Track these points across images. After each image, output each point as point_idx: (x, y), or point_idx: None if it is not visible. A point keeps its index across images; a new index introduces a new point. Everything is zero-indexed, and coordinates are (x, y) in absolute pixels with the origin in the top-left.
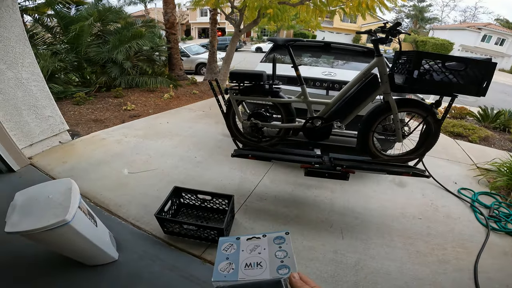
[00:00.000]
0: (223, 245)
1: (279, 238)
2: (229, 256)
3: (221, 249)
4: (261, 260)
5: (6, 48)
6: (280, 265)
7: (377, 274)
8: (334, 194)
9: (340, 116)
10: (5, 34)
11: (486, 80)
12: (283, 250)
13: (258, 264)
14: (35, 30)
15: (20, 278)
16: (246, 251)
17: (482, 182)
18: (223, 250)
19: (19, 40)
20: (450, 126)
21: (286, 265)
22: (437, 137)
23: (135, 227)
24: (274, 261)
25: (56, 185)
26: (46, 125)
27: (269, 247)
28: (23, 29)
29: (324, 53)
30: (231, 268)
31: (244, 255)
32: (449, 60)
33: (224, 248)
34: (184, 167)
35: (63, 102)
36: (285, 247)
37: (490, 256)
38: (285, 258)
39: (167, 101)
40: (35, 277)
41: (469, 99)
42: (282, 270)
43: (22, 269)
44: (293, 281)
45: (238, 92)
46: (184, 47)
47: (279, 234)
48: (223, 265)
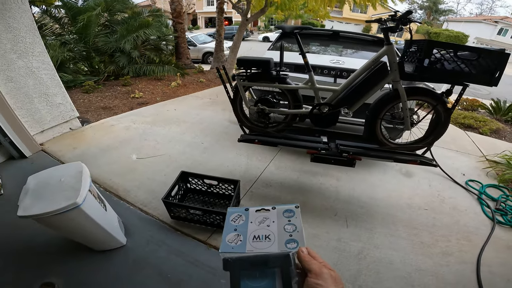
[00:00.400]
0: (231, 216)
1: (288, 211)
2: (237, 227)
3: (229, 220)
4: (269, 233)
5: (16, 38)
6: (289, 239)
7: (380, 263)
8: (340, 182)
9: (347, 103)
10: (15, 24)
11: (499, 70)
12: (292, 224)
13: (267, 237)
14: (43, 21)
15: (32, 264)
16: (255, 223)
17: (490, 175)
18: (232, 221)
19: (29, 31)
20: (461, 117)
21: (294, 239)
22: (446, 126)
23: (143, 212)
24: (283, 234)
25: (68, 169)
26: (57, 112)
27: (278, 220)
28: (32, 19)
29: (332, 42)
30: (239, 240)
31: (253, 227)
32: (461, 50)
33: (232, 218)
34: (191, 153)
35: (72, 90)
36: (294, 220)
37: (494, 250)
38: (294, 232)
39: (175, 89)
40: (46, 263)
41: (481, 91)
42: (290, 244)
43: (33, 256)
44: (301, 256)
45: (245, 79)
46: (191, 37)
47: (288, 207)
48: (231, 237)
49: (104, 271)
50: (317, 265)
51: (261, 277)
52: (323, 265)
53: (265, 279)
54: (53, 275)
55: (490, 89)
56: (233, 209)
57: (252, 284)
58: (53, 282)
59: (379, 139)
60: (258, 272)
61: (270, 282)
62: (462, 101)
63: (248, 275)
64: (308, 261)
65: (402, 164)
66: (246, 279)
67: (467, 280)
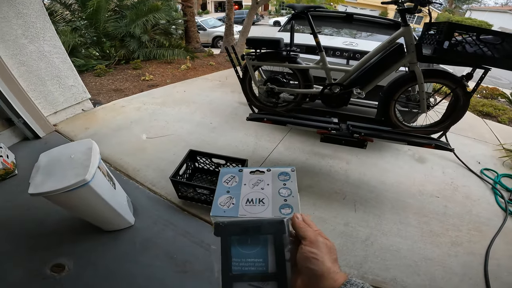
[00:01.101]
0: (224, 177)
1: (284, 174)
2: (230, 189)
3: (222, 181)
4: (263, 196)
5: (26, 24)
6: (283, 204)
7: (387, 250)
8: (350, 165)
9: (360, 83)
10: (25, 10)
11: None
12: (287, 188)
13: (260, 201)
14: (53, 8)
15: (43, 245)
16: (249, 185)
17: (507, 164)
18: (224, 182)
19: (39, 16)
20: (479, 105)
21: (289, 204)
22: (465, 110)
23: (151, 191)
24: (277, 199)
25: (78, 146)
26: (69, 93)
27: (273, 183)
28: (42, 5)
29: (346, 24)
30: (231, 203)
31: (246, 190)
32: (485, 33)
33: (225, 180)
34: (200, 132)
35: (84, 74)
36: (290, 184)
37: (503, 242)
38: (289, 197)
39: (184, 72)
40: (57, 244)
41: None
42: (285, 209)
43: (45, 236)
44: (296, 222)
45: (254, 58)
46: (201, 21)
47: (284, 169)
48: (223, 199)
49: (112, 251)
50: (312, 233)
51: (253, 244)
52: (318, 233)
53: (257, 246)
54: (63, 255)
55: (511, 79)
56: (227, 170)
57: (244, 250)
58: (63, 263)
59: (393, 121)
60: (250, 238)
61: (262, 249)
62: (481, 89)
63: (240, 241)
64: (303, 228)
65: (415, 149)
66: (237, 245)
67: (474, 272)
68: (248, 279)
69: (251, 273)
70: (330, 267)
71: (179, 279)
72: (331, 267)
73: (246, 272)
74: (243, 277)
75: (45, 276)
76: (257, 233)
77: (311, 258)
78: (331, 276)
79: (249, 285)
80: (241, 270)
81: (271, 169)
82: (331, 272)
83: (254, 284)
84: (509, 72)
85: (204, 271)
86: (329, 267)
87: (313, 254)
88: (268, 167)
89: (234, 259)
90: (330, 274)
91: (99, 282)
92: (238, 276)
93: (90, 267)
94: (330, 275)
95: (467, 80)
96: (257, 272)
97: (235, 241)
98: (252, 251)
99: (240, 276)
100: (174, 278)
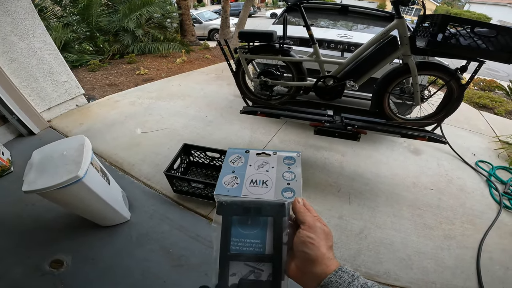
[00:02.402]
0: (231, 157)
1: (289, 158)
2: (235, 169)
3: (228, 161)
4: (267, 178)
5: (15, 21)
6: (286, 187)
7: (381, 244)
8: (345, 157)
9: (354, 76)
10: (12, 8)
11: None
12: (292, 172)
13: (264, 183)
14: (43, 4)
15: (41, 241)
16: (254, 166)
17: (502, 156)
18: (230, 162)
19: (27, 13)
20: (476, 97)
21: (292, 188)
22: (459, 102)
23: (146, 186)
24: (281, 182)
25: (70, 142)
26: (62, 89)
27: (278, 167)
28: (30, 2)
29: (341, 16)
30: (235, 183)
31: (251, 171)
32: (479, 26)
33: (231, 159)
34: (195, 126)
35: (78, 69)
36: (294, 169)
37: (497, 235)
38: (292, 181)
39: (180, 65)
40: (54, 240)
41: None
42: (287, 193)
43: (42, 233)
44: (297, 206)
45: (247, 51)
46: (196, 14)
47: (290, 154)
48: (227, 178)
49: (109, 246)
50: (311, 218)
51: (253, 225)
52: (317, 219)
53: (256, 228)
54: (61, 251)
55: (509, 71)
56: (233, 150)
57: (243, 231)
58: (62, 259)
59: (387, 113)
60: (250, 219)
61: (261, 231)
62: (478, 81)
63: (240, 222)
64: (303, 212)
65: (410, 141)
66: (237, 225)
67: (466, 266)
68: (244, 259)
69: (248, 253)
70: (325, 253)
71: (175, 273)
72: (326, 253)
73: (243, 252)
74: (240, 257)
75: (44, 272)
76: (257, 214)
77: (307, 242)
78: (325, 262)
79: (245, 264)
80: (239, 250)
81: (277, 152)
82: (325, 258)
83: (250, 264)
84: (507, 65)
85: (200, 264)
86: (323, 252)
87: (310, 238)
88: (275, 150)
89: (233, 239)
90: (324, 259)
91: (97, 277)
92: (236, 255)
93: (88, 262)
94: (324, 261)
95: (461, 72)
96: (254, 253)
97: (235, 221)
98: (251, 232)
99: (237, 256)
100: (170, 272)
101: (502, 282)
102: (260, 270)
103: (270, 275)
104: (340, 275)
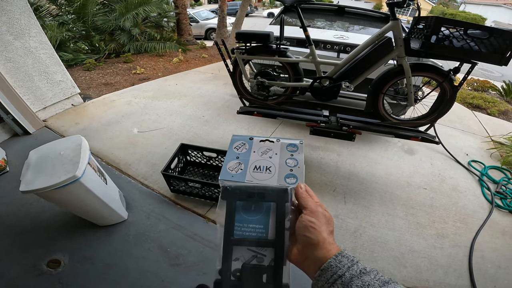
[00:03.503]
0: (235, 143)
1: (292, 145)
2: (240, 155)
3: (232, 147)
4: (271, 165)
5: (11, 21)
6: (289, 173)
7: (375, 242)
8: (341, 157)
9: (349, 77)
10: (8, 7)
11: (510, 50)
12: (294, 159)
13: (267, 169)
14: (39, 3)
15: (38, 241)
16: (258, 153)
17: (494, 156)
18: (235, 148)
19: (23, 12)
20: (469, 97)
21: (294, 174)
22: (452, 103)
23: (143, 185)
24: (284, 168)
25: (67, 142)
26: (57, 89)
27: (281, 153)
28: (26, 1)
29: (337, 17)
30: (239, 169)
31: (255, 157)
32: (472, 28)
33: (235, 146)
34: (192, 125)
35: (74, 69)
36: (297, 156)
37: (488, 235)
38: (295, 168)
39: (176, 65)
40: (52, 239)
41: (494, 73)
42: (289, 179)
43: (39, 233)
44: (299, 192)
45: (244, 52)
46: (193, 13)
47: (293, 141)
48: (232, 164)
49: (107, 246)
50: (313, 203)
51: (256, 211)
52: (318, 205)
53: (259, 213)
54: (58, 251)
55: (503, 72)
56: (238, 137)
57: (247, 216)
58: (59, 259)
59: (381, 114)
60: (253, 205)
61: (264, 217)
62: (472, 82)
63: (244, 207)
64: (305, 198)
65: (404, 141)
66: (241, 211)
67: (459, 264)
68: (247, 243)
69: (251, 239)
70: (326, 237)
71: (173, 272)
72: (327, 238)
73: (246, 237)
74: (243, 242)
75: (42, 271)
76: (261, 199)
77: (309, 227)
78: (326, 246)
79: (248, 249)
80: (242, 235)
81: (280, 140)
82: (326, 243)
83: (253, 249)
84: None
85: (198, 263)
86: (325, 237)
87: (312, 223)
88: (278, 137)
89: (237, 224)
90: (325, 244)
91: (96, 276)
92: (239, 240)
93: (85, 262)
94: (325, 245)
95: (454, 74)
96: (257, 238)
97: (239, 207)
98: (255, 217)
99: (240, 241)
100: (168, 271)
101: (494, 281)
102: (262, 255)
103: (272, 260)
104: (340, 259)
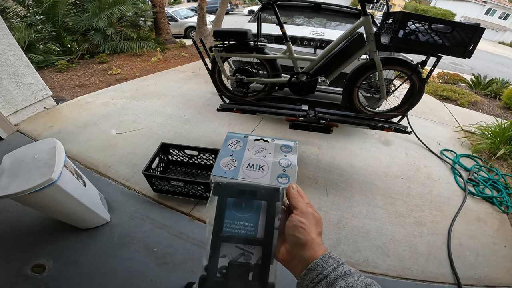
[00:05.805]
0: (229, 140)
1: (286, 146)
2: (234, 152)
3: (226, 144)
4: (264, 164)
5: None
6: (281, 173)
7: (358, 232)
8: (321, 150)
9: (325, 72)
10: None
11: (472, 44)
12: (288, 160)
13: (260, 167)
14: (5, 4)
15: (20, 246)
16: (252, 151)
17: (465, 145)
18: (229, 146)
19: None
20: (440, 89)
21: (287, 174)
22: (421, 95)
23: (125, 187)
24: (277, 168)
25: (41, 145)
26: (28, 92)
27: (275, 153)
28: None
29: (314, 14)
30: (233, 165)
31: (249, 155)
32: (436, 22)
33: (230, 143)
34: (172, 125)
35: (44, 70)
36: (290, 156)
37: (464, 222)
38: (288, 168)
39: (155, 64)
40: (34, 244)
41: (464, 67)
42: (282, 179)
43: (21, 238)
44: (291, 192)
45: (222, 50)
46: (172, 12)
47: (287, 142)
48: (225, 161)
49: (91, 248)
50: (304, 204)
51: (247, 208)
52: (309, 205)
53: (250, 211)
54: (42, 256)
55: (472, 65)
56: (233, 134)
57: (237, 213)
58: (43, 263)
59: (357, 106)
60: (244, 202)
61: (255, 215)
62: (443, 75)
63: (234, 204)
64: (296, 198)
65: (381, 133)
66: (231, 208)
67: (438, 252)
68: (236, 241)
69: (240, 236)
70: (315, 238)
71: (161, 271)
72: (315, 239)
73: (235, 234)
74: (231, 239)
75: (28, 276)
76: (252, 197)
77: (299, 227)
78: (314, 247)
79: (236, 246)
80: (231, 232)
81: (275, 140)
82: (314, 243)
83: (241, 247)
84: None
85: (185, 261)
86: (313, 238)
87: (302, 223)
88: (273, 138)
89: (227, 221)
90: (313, 244)
91: (83, 279)
92: (228, 237)
93: (70, 265)
94: (313, 246)
95: (421, 67)
96: (245, 235)
97: (230, 203)
98: (245, 215)
99: (229, 238)
100: (156, 270)
101: (474, 268)
102: (250, 253)
103: (260, 258)
104: (326, 260)
